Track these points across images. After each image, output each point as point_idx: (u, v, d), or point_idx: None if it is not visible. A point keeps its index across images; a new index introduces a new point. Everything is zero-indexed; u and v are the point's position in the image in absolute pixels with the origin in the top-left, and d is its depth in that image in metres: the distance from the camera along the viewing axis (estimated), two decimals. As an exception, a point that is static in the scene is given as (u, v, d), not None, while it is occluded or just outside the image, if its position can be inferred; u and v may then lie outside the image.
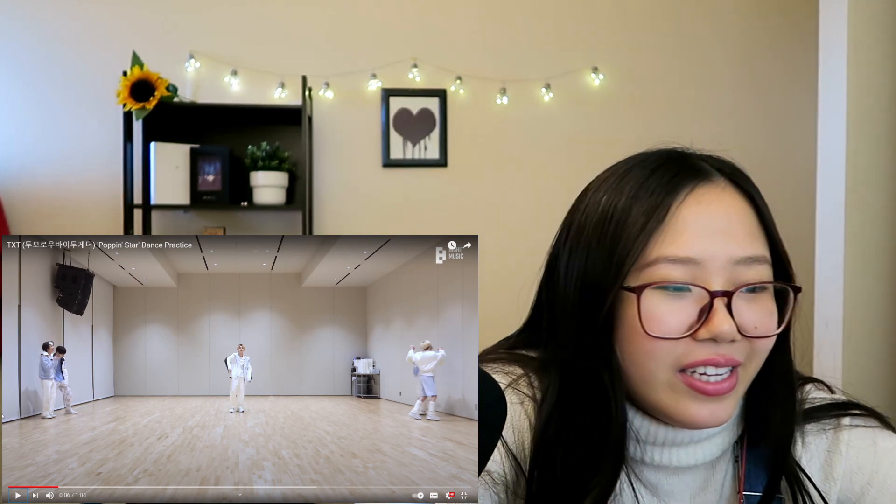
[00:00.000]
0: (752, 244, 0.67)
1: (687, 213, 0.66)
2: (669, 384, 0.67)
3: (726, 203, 0.68)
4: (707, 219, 0.66)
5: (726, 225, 0.67)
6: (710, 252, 0.65)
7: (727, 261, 0.65)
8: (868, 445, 0.74)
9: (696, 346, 0.65)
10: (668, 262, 0.65)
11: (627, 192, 0.69)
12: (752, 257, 0.66)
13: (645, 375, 0.67)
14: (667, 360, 0.66)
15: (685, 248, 0.65)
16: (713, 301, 0.64)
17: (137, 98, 2.73)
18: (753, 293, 0.67)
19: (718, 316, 0.64)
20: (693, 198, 0.67)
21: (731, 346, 0.65)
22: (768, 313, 0.67)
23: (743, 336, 0.65)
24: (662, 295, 0.66)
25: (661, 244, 0.66)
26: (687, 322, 0.65)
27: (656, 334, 0.65)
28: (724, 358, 0.65)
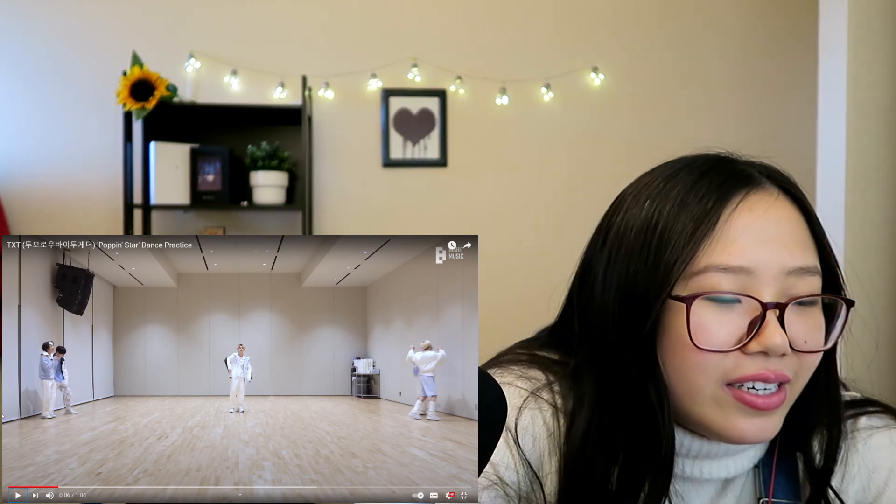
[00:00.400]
0: (804, 254, 0.65)
1: (739, 220, 0.64)
2: (716, 398, 0.64)
3: (779, 211, 0.66)
4: (760, 227, 0.64)
5: (779, 234, 0.64)
6: (763, 261, 0.63)
7: (779, 271, 0.63)
8: (886, 444, 0.73)
9: (746, 360, 0.63)
10: (719, 270, 0.63)
11: (674, 197, 0.66)
12: (804, 268, 0.64)
13: (691, 389, 0.65)
14: (715, 373, 0.63)
15: (737, 256, 0.63)
16: (765, 313, 0.62)
17: (137, 98, 2.73)
18: (804, 306, 0.64)
19: (770, 328, 0.62)
20: (745, 205, 0.65)
21: (781, 361, 0.63)
22: (818, 327, 0.65)
23: (793, 350, 0.63)
24: (712, 305, 0.63)
25: (712, 252, 0.63)
26: (737, 334, 0.63)
27: (706, 347, 0.62)
28: (775, 373, 0.63)
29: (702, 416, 0.66)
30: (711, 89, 3.24)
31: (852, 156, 2.29)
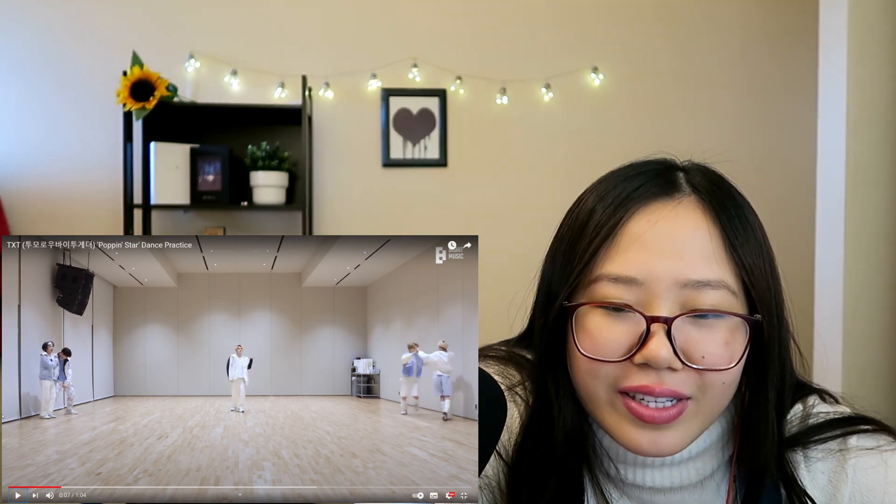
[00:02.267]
0: (705, 267, 0.62)
1: (635, 230, 0.63)
2: (611, 404, 0.64)
3: (682, 221, 0.64)
4: (654, 237, 0.63)
5: (676, 244, 0.62)
6: (655, 273, 0.62)
7: (673, 283, 0.61)
8: (877, 465, 0.69)
9: (635, 371, 0.62)
10: (610, 280, 0.63)
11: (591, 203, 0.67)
12: (703, 281, 0.62)
13: (589, 394, 0.65)
14: (606, 380, 0.63)
15: (627, 266, 0.62)
16: (650, 326, 0.61)
17: (137, 98, 2.73)
18: (705, 320, 0.62)
19: (654, 341, 0.60)
20: (644, 214, 0.64)
21: (674, 376, 0.61)
22: (722, 344, 0.62)
23: (687, 366, 0.61)
24: (603, 315, 0.63)
25: (605, 262, 0.63)
26: (625, 344, 0.62)
27: (590, 354, 0.63)
28: (660, 387, 0.61)
29: (603, 422, 0.66)
30: (711, 89, 3.23)
31: (852, 156, 2.29)
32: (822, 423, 0.71)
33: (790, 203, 3.17)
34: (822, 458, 0.70)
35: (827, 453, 0.70)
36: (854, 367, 2.30)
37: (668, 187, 0.66)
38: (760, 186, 3.19)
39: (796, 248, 3.02)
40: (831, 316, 2.33)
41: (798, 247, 2.98)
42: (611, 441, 0.70)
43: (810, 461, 0.70)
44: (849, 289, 2.29)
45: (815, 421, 0.71)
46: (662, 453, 0.64)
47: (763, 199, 3.67)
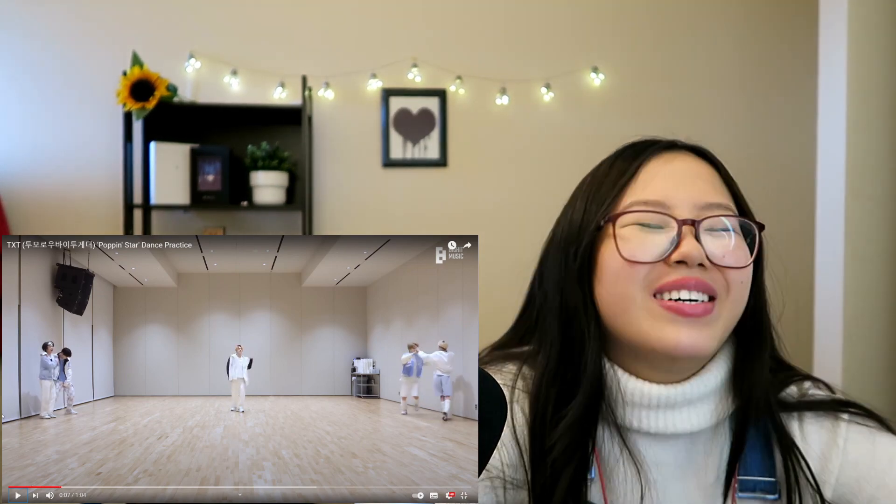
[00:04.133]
0: (714, 193, 0.75)
1: (655, 167, 0.77)
2: (647, 309, 0.72)
3: (690, 162, 0.78)
4: (672, 170, 0.76)
5: (689, 176, 0.76)
6: (677, 196, 0.74)
7: (693, 204, 0.73)
8: (866, 440, 0.76)
9: (669, 270, 0.71)
10: (641, 204, 0.74)
11: (604, 166, 0.81)
12: (715, 203, 0.74)
13: (624, 303, 0.73)
14: (643, 283, 0.72)
15: (655, 193, 0.74)
16: (681, 228, 0.71)
17: (137, 98, 2.73)
18: (719, 231, 0.73)
19: (686, 240, 0.71)
20: (660, 157, 0.78)
21: (704, 273, 0.71)
22: (737, 248, 0.73)
23: (713, 265, 0.71)
24: (638, 229, 0.74)
25: (634, 192, 0.75)
26: (660, 249, 0.72)
27: (632, 258, 0.72)
28: (696, 280, 0.71)
29: (639, 331, 0.73)
30: (712, 89, 3.23)
31: (852, 156, 2.29)
32: (817, 400, 0.79)
33: (790, 203, 3.17)
34: (816, 427, 0.78)
35: (821, 423, 0.78)
36: (854, 367, 2.30)
37: (670, 145, 0.80)
38: (760, 186, 3.18)
39: (796, 247, 3.02)
40: (831, 316, 2.33)
41: (798, 247, 2.98)
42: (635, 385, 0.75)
43: (805, 428, 0.78)
44: (849, 289, 2.29)
45: (811, 398, 0.80)
46: (698, 351, 0.71)
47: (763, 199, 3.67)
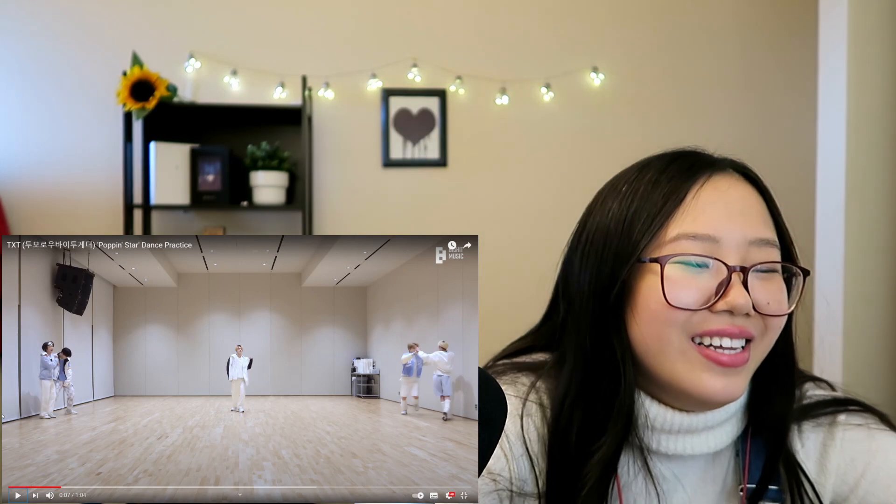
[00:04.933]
0: (764, 228, 0.72)
1: (705, 195, 0.71)
2: (683, 353, 0.69)
3: (740, 190, 0.72)
4: (724, 202, 0.71)
5: (741, 209, 0.71)
6: (728, 231, 0.69)
7: (742, 240, 0.69)
8: (863, 439, 0.76)
9: (713, 317, 0.68)
10: (689, 238, 0.69)
11: (647, 181, 0.73)
12: (765, 239, 0.71)
13: (661, 344, 0.70)
14: (683, 327, 0.69)
15: (705, 226, 0.69)
16: (731, 275, 0.68)
17: (137, 98, 2.73)
18: (765, 273, 0.70)
19: (735, 289, 0.67)
20: (711, 183, 0.72)
21: (746, 321, 0.68)
22: (779, 292, 0.71)
23: (756, 312, 0.68)
24: (682, 269, 0.69)
25: (682, 223, 0.70)
26: (705, 295, 0.68)
27: (676, 304, 0.68)
28: (740, 329, 0.68)
29: (672, 373, 0.70)
30: (711, 89, 3.23)
31: (852, 156, 2.29)
32: (815, 402, 0.79)
33: (790, 203, 3.16)
34: (813, 432, 0.78)
35: (818, 427, 0.78)
36: (854, 367, 2.30)
37: (718, 164, 0.74)
38: (760, 186, 3.18)
39: (796, 247, 3.01)
40: (831, 316, 2.33)
41: (798, 247, 2.98)
42: (657, 411, 0.74)
43: (803, 434, 0.78)
44: (849, 289, 2.29)
45: (809, 401, 0.79)
46: (731, 397, 0.70)
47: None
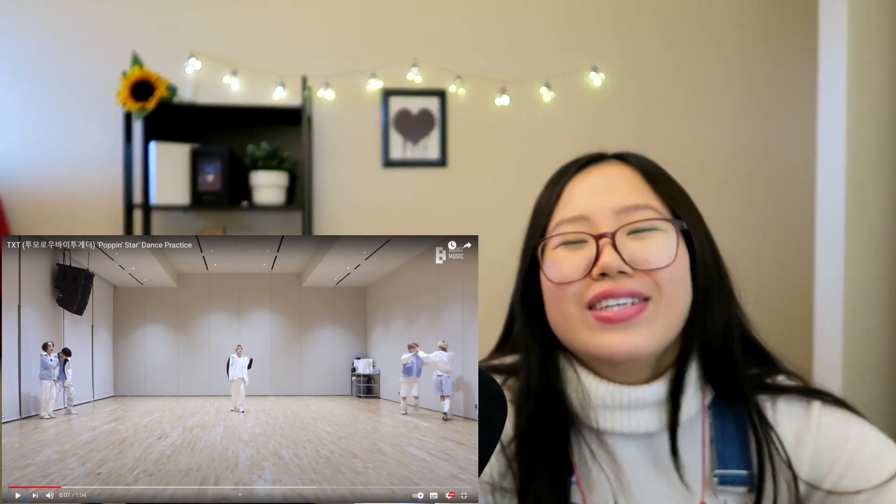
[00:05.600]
0: (633, 196, 0.78)
1: (575, 185, 0.81)
2: (584, 321, 0.76)
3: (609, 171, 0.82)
4: (589, 184, 0.80)
5: (607, 186, 0.79)
6: (595, 206, 0.78)
7: (611, 211, 0.77)
8: (838, 423, 0.78)
9: (595, 283, 0.75)
10: (565, 222, 0.79)
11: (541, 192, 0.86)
12: (633, 205, 0.77)
13: (565, 319, 0.77)
14: (574, 298, 0.76)
15: (575, 208, 0.79)
16: (598, 242, 0.75)
17: (137, 98, 2.73)
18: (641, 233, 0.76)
19: (605, 253, 0.74)
20: (580, 174, 0.82)
21: (629, 280, 0.74)
22: (659, 247, 0.76)
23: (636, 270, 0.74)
24: (563, 249, 0.78)
25: (558, 213, 0.80)
26: (584, 265, 0.76)
27: (560, 280, 0.76)
28: (620, 288, 0.74)
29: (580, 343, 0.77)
30: (711, 89, 3.23)
31: (852, 156, 2.29)
32: (789, 386, 0.82)
33: (790, 203, 3.17)
34: (788, 413, 0.80)
35: (792, 409, 0.80)
36: (854, 367, 2.30)
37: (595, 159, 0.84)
38: (760, 186, 3.19)
39: (796, 248, 3.02)
40: (831, 316, 2.33)
41: (798, 247, 2.98)
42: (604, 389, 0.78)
43: (778, 415, 0.80)
44: (849, 289, 2.29)
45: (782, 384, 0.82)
46: (635, 351, 0.74)
47: (763, 199, 3.66)
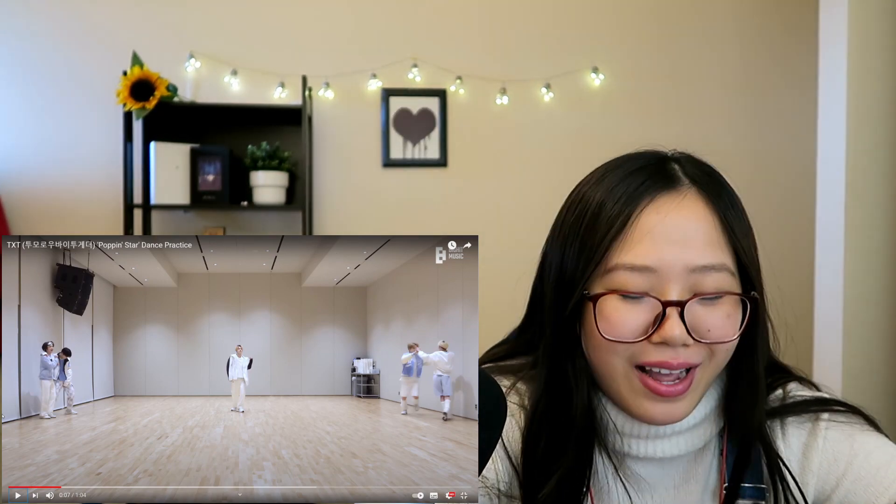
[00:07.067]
0: (710, 252, 0.69)
1: (646, 221, 0.70)
2: (627, 379, 0.71)
3: (686, 211, 0.70)
4: (664, 228, 0.69)
5: (684, 234, 0.69)
6: (667, 261, 0.68)
7: (683, 269, 0.68)
8: (845, 438, 0.76)
9: (652, 348, 0.69)
10: (626, 269, 0.69)
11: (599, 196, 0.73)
12: (709, 265, 0.69)
13: (607, 369, 0.72)
14: (624, 356, 0.70)
15: (642, 256, 0.69)
16: (665, 310, 0.68)
17: (137, 98, 2.73)
18: (710, 300, 0.69)
19: (670, 322, 0.67)
20: (653, 207, 0.70)
21: (687, 350, 0.69)
22: (725, 317, 0.70)
23: (696, 340, 0.68)
24: (620, 300, 0.69)
25: (621, 252, 0.69)
26: (643, 326, 0.69)
27: (611, 338, 0.69)
28: (677, 361, 0.68)
29: (618, 396, 0.73)
30: (711, 89, 3.23)
31: (852, 156, 2.29)
32: (800, 402, 0.79)
33: (790, 203, 3.17)
34: (797, 429, 0.78)
35: (801, 425, 0.78)
36: (854, 367, 2.30)
37: (671, 181, 0.72)
38: (760, 186, 3.18)
39: (796, 248, 3.01)
40: (831, 316, 2.33)
41: (798, 247, 2.98)
42: (625, 419, 0.75)
43: (787, 431, 0.78)
44: (849, 289, 2.29)
45: (793, 399, 0.80)
46: (674, 420, 0.71)
47: (763, 199, 3.67)
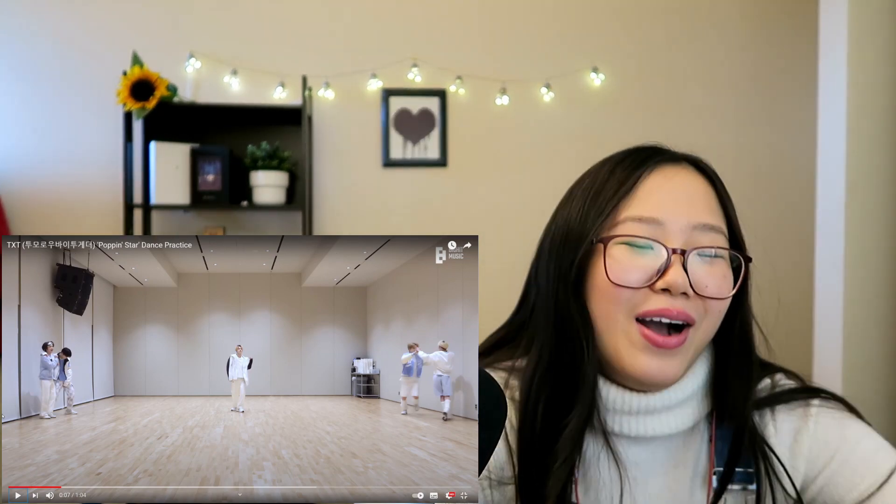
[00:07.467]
0: (709, 214, 0.76)
1: (652, 182, 0.76)
2: (626, 333, 0.74)
3: (688, 178, 0.78)
4: (670, 187, 0.76)
5: (686, 195, 0.76)
6: (672, 214, 0.74)
7: (686, 224, 0.74)
8: (836, 424, 0.79)
9: (653, 296, 0.73)
10: (635, 220, 0.74)
11: (605, 172, 0.79)
12: (709, 225, 0.75)
13: (608, 323, 0.75)
14: (627, 305, 0.73)
15: (650, 209, 0.74)
16: (670, 256, 0.72)
17: (137, 98, 2.73)
18: (709, 258, 0.74)
19: (673, 269, 0.72)
20: (658, 171, 0.77)
21: (685, 302, 0.73)
22: (721, 277, 0.74)
23: (695, 294, 0.72)
24: (628, 249, 0.74)
25: (630, 206, 0.75)
26: (647, 274, 0.73)
27: (618, 282, 0.73)
28: (676, 310, 0.72)
29: (615, 351, 0.75)
30: (712, 89, 3.23)
31: (852, 156, 2.29)
32: (788, 390, 0.83)
33: (790, 203, 3.17)
34: (787, 415, 0.81)
35: (792, 412, 0.81)
36: (854, 367, 2.30)
37: (674, 157, 0.80)
38: (760, 186, 3.19)
39: (796, 248, 3.01)
40: (831, 316, 2.33)
41: (798, 247, 2.98)
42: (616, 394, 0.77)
43: (777, 418, 0.81)
44: (849, 289, 2.29)
45: (781, 388, 0.83)
46: (665, 378, 0.74)
47: (763, 199, 3.67)
